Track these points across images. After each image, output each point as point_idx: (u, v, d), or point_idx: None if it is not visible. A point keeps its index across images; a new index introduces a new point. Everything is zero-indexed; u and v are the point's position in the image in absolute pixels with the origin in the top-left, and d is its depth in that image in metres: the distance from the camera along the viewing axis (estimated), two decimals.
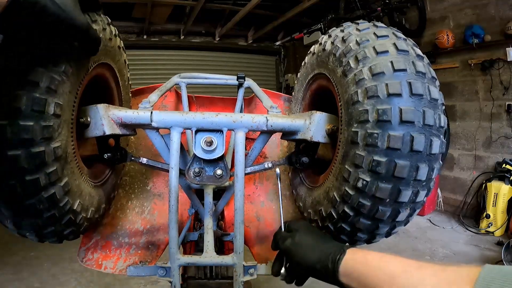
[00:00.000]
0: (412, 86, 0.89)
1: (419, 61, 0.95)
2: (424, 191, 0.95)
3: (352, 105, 0.95)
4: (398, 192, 0.91)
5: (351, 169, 0.94)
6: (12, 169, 0.80)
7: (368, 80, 0.92)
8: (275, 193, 1.56)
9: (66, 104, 0.89)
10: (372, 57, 0.94)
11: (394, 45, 0.96)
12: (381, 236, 1.06)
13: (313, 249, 0.89)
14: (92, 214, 1.08)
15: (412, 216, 1.01)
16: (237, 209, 1.00)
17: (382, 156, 0.88)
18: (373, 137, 0.89)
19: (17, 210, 0.87)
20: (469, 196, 5.32)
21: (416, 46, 1.01)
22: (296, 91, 1.46)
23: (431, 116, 0.89)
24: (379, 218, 0.96)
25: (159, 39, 8.38)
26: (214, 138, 1.03)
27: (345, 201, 0.97)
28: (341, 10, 6.68)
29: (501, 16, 4.75)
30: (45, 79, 0.82)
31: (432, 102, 0.91)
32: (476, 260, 4.01)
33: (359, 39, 0.99)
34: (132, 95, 1.49)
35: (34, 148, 0.81)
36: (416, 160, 0.89)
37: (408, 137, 0.87)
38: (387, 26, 1.08)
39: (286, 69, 9.60)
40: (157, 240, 1.39)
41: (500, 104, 4.91)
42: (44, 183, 0.84)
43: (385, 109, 0.88)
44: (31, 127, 0.80)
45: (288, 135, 1.13)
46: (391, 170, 0.88)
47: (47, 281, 3.70)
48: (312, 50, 1.26)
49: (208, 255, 1.04)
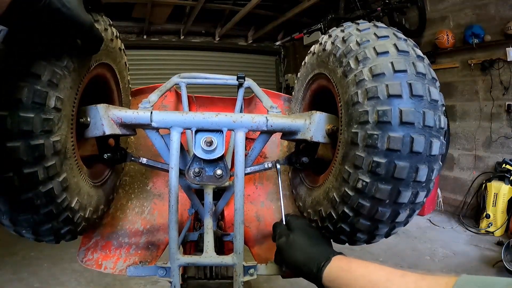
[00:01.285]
0: (413, 87, 0.89)
1: (419, 62, 0.95)
2: (423, 192, 0.95)
3: (352, 106, 0.95)
4: (397, 193, 0.91)
5: (351, 170, 0.94)
6: (10, 161, 0.79)
7: (368, 81, 0.92)
8: (275, 193, 1.56)
9: (67, 99, 0.90)
10: (372, 58, 0.94)
11: (395, 46, 0.95)
12: (381, 236, 1.06)
13: (301, 252, 0.94)
14: (90, 214, 1.08)
15: (411, 217, 1.01)
16: (237, 209, 1.00)
17: (382, 157, 0.88)
18: (373, 138, 0.89)
19: (13, 204, 0.86)
20: (469, 196, 5.33)
21: (416, 46, 1.01)
22: (296, 91, 1.46)
23: (431, 117, 0.89)
24: (378, 219, 0.96)
25: (159, 39, 8.39)
26: (214, 138, 1.02)
27: (345, 202, 0.97)
28: (341, 10, 6.69)
29: (501, 16, 4.76)
30: (47, 73, 0.82)
31: (432, 103, 0.91)
32: (476, 260, 4.01)
33: (359, 39, 0.99)
34: (132, 95, 1.49)
35: (33, 141, 0.81)
36: (416, 161, 0.89)
37: (408, 138, 0.87)
38: (387, 26, 1.08)
39: (286, 69, 9.60)
40: (157, 240, 1.39)
41: (500, 104, 4.91)
42: (42, 177, 0.84)
43: (385, 110, 0.88)
44: (31, 119, 0.79)
45: (288, 135, 1.13)
46: (391, 171, 0.88)
47: (47, 281, 3.70)
48: (312, 50, 1.26)
49: (208, 255, 1.04)
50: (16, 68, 0.79)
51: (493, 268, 3.75)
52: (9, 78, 0.78)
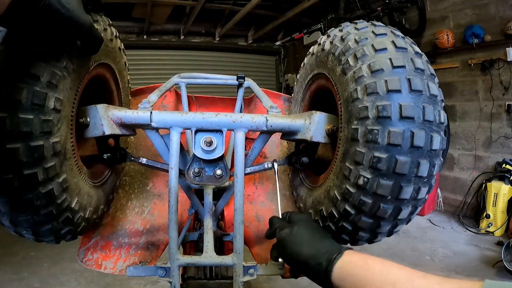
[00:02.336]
0: (411, 82, 0.89)
1: (417, 58, 0.95)
2: (425, 188, 0.94)
3: (351, 102, 0.95)
4: (399, 188, 0.90)
5: (352, 166, 0.94)
6: (10, 162, 0.80)
7: (367, 77, 0.92)
8: (275, 193, 1.56)
9: (66, 100, 0.90)
10: (371, 55, 0.94)
11: (393, 43, 0.96)
12: (383, 235, 1.06)
13: (308, 244, 0.86)
14: (90, 214, 1.08)
15: (414, 214, 1.01)
16: (237, 209, 1.00)
17: (382, 152, 0.88)
18: (373, 133, 0.88)
19: (13, 205, 0.86)
20: (469, 196, 5.33)
21: (414, 44, 1.02)
22: (295, 92, 1.46)
23: (431, 112, 0.89)
24: (380, 216, 0.95)
25: (159, 39, 8.39)
26: (214, 138, 1.02)
27: (346, 199, 0.97)
28: (341, 10, 6.68)
29: (501, 16, 4.75)
30: (46, 74, 0.82)
31: (432, 98, 0.91)
32: (475, 260, 4.01)
33: (357, 37, 0.99)
34: (132, 95, 1.49)
35: (33, 142, 0.81)
36: (417, 156, 0.88)
37: (408, 133, 0.87)
38: (386, 25, 1.08)
39: (286, 69, 9.60)
40: (157, 240, 1.39)
41: (500, 104, 4.91)
42: (42, 178, 0.84)
43: (384, 105, 0.88)
44: (30, 120, 0.80)
45: (288, 135, 1.13)
46: (392, 167, 0.88)
47: (47, 281, 3.70)
48: (311, 51, 1.26)
49: (208, 255, 1.04)
50: (15, 69, 0.79)
51: (493, 268, 3.74)
52: (8, 79, 0.78)
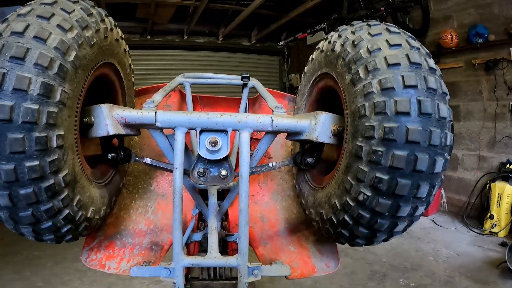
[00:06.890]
0: (422, 104, 0.88)
1: (431, 75, 0.93)
2: (423, 206, 0.96)
3: (359, 118, 0.94)
4: (397, 207, 0.92)
5: (353, 182, 0.95)
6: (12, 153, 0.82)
7: (377, 94, 0.91)
8: (280, 193, 1.56)
9: (67, 130, 0.91)
10: (382, 69, 0.92)
11: (407, 57, 0.93)
12: (378, 242, 1.08)
13: None
14: (92, 214, 1.08)
15: (409, 226, 1.04)
16: (241, 210, 1.00)
17: (384, 173, 0.89)
18: (377, 154, 0.89)
19: (14, 200, 0.87)
20: (473, 196, 5.30)
21: (429, 56, 0.98)
22: (302, 86, 1.45)
23: (437, 136, 0.88)
24: (377, 229, 0.98)
25: (162, 39, 8.40)
26: (219, 139, 1.02)
27: (346, 211, 0.99)
28: (345, 10, 6.66)
29: (505, 15, 4.73)
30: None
31: (440, 121, 0.90)
32: (479, 261, 3.99)
33: (370, 46, 0.97)
34: (136, 95, 1.49)
35: (37, 133, 0.83)
36: (418, 179, 0.89)
37: (412, 157, 0.87)
38: (400, 30, 1.04)
39: (289, 69, 9.59)
40: (160, 241, 1.38)
41: (504, 104, 4.88)
42: (45, 171, 0.86)
43: (391, 127, 0.87)
44: (36, 111, 0.82)
45: (293, 136, 1.12)
46: (392, 188, 0.89)
47: (50, 280, 3.71)
48: (321, 47, 1.24)
49: (212, 256, 1.04)
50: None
51: (496, 269, 3.72)
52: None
